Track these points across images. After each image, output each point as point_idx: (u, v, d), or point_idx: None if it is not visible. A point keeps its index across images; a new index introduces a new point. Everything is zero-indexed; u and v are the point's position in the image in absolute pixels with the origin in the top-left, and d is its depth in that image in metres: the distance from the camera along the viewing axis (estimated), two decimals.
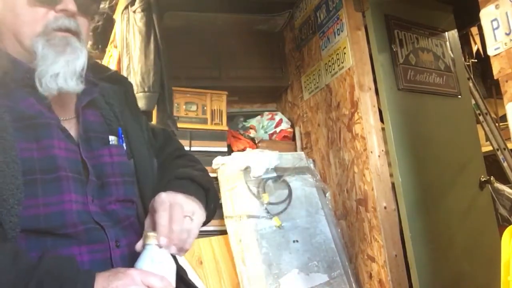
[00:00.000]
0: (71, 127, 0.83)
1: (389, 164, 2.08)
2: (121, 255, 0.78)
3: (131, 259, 0.77)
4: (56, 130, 0.78)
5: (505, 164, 2.79)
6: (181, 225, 0.76)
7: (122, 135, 0.90)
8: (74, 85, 0.78)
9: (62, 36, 0.78)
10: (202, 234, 2.19)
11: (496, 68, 1.34)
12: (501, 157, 2.80)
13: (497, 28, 1.33)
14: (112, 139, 0.87)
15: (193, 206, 0.81)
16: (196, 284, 0.93)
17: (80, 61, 0.79)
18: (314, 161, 2.65)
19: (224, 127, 2.64)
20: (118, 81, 1.00)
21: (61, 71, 0.76)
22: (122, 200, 0.84)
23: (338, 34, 2.31)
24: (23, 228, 0.69)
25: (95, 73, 0.94)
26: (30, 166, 0.72)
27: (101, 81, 0.94)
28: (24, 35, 0.77)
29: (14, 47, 0.79)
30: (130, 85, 1.02)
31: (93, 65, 0.97)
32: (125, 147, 0.89)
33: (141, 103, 2.00)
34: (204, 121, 2.59)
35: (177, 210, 0.76)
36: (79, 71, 0.79)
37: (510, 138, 2.46)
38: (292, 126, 2.94)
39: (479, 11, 1.40)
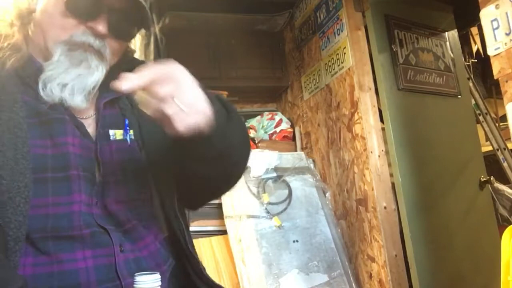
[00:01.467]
0: (90, 124, 0.81)
1: (389, 164, 2.08)
2: (125, 260, 0.74)
3: (135, 265, 0.75)
4: (71, 126, 0.76)
5: (505, 164, 2.78)
6: (164, 88, 0.63)
7: (128, 127, 0.84)
8: (79, 101, 0.75)
9: (82, 51, 0.76)
10: (202, 234, 2.19)
11: (496, 68, 1.33)
12: (501, 157, 2.80)
13: (497, 28, 1.33)
14: (113, 133, 0.82)
15: (199, 94, 0.67)
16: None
17: (93, 77, 0.76)
18: (314, 161, 2.65)
19: None
20: (137, 66, 0.93)
21: (71, 83, 0.74)
22: (123, 200, 0.79)
23: (338, 34, 2.31)
24: (30, 228, 0.67)
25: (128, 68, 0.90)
26: (42, 164, 0.70)
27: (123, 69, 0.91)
28: (49, 37, 0.76)
29: (38, 43, 0.78)
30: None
31: (129, 61, 0.93)
32: (129, 140, 0.83)
33: None
34: None
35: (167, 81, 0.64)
36: (89, 89, 0.76)
37: (510, 138, 2.46)
38: (292, 126, 2.94)
39: (479, 11, 1.40)
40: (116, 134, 0.82)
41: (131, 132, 0.84)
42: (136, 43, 0.99)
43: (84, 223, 0.72)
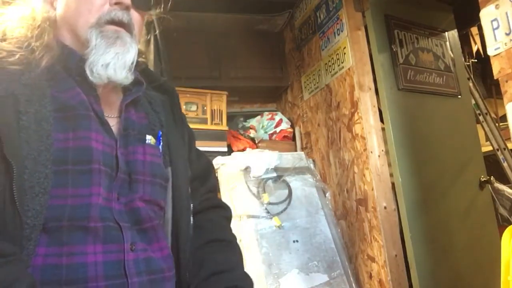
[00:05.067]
0: (114, 124, 0.85)
1: (389, 164, 2.07)
2: (134, 260, 0.76)
3: (145, 265, 0.76)
4: (95, 123, 0.79)
5: (505, 164, 2.78)
6: None
7: (161, 139, 0.90)
8: (123, 76, 0.81)
9: (114, 30, 0.81)
10: None
11: (496, 68, 1.33)
12: (501, 157, 2.80)
13: (497, 28, 1.33)
14: (149, 138, 0.88)
15: None
16: None
17: (130, 54, 0.82)
18: (314, 161, 2.65)
19: (224, 127, 2.64)
20: (166, 91, 1.01)
21: (111, 62, 0.79)
22: (147, 200, 0.82)
23: (338, 34, 2.31)
24: (47, 218, 0.69)
25: (146, 78, 0.95)
26: (63, 156, 0.73)
27: (150, 89, 0.97)
28: (79, 25, 0.81)
29: (68, 39, 0.83)
30: (177, 96, 1.03)
31: (145, 70, 0.99)
32: (161, 150, 0.90)
33: None
34: (204, 121, 2.59)
35: None
36: (129, 65, 0.82)
37: (510, 138, 2.46)
38: (292, 126, 2.94)
39: (479, 11, 1.40)
40: (151, 139, 0.89)
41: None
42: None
43: (100, 215, 0.74)
